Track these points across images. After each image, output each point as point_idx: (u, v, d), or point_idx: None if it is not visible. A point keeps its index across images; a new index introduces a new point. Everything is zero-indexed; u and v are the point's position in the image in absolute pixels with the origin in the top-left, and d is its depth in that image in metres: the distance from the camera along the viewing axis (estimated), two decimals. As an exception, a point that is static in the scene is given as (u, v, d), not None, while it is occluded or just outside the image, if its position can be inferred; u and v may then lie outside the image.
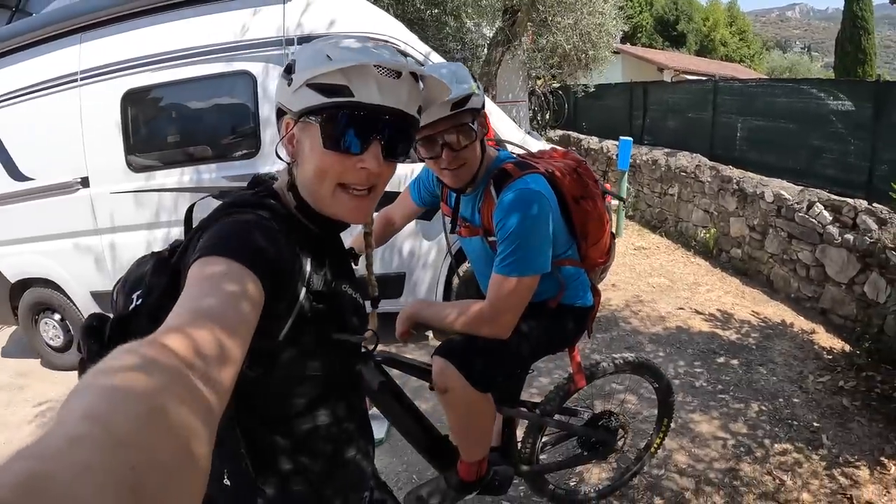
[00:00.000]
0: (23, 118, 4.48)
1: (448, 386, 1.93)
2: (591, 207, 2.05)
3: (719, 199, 6.67)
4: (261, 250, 0.91)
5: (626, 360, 2.55)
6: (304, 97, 1.01)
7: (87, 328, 0.96)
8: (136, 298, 1.00)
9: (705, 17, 38.08)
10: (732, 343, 4.46)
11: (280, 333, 1.00)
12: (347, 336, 1.12)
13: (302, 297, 1.02)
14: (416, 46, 4.21)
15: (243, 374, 0.85)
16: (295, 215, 1.10)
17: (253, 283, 0.84)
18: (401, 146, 1.09)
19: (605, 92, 12.11)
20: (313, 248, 1.09)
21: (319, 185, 1.05)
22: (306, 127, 1.04)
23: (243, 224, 0.96)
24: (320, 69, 0.99)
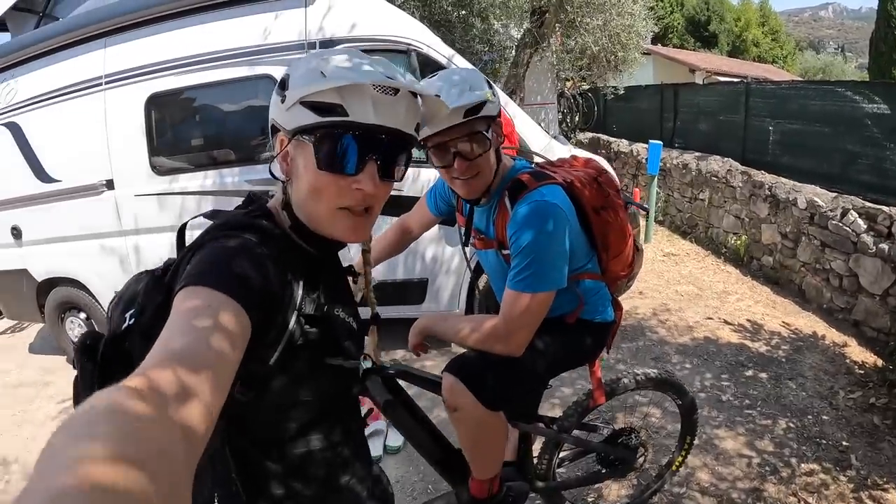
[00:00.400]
0: (50, 121, 4.56)
1: (458, 404, 1.87)
2: (613, 218, 1.97)
3: (751, 205, 6.51)
4: (246, 279, 0.88)
5: (648, 377, 2.46)
6: (298, 115, 0.98)
7: (80, 346, 0.95)
8: (129, 318, 0.98)
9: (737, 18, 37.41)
10: (761, 355, 4.33)
11: (270, 358, 0.97)
12: (341, 361, 1.09)
13: (293, 322, 0.99)
14: (438, 49, 4.16)
15: (234, 397, 0.90)
16: (289, 235, 1.07)
17: (237, 314, 0.82)
18: (398, 166, 1.06)
19: (636, 94, 11.90)
20: (307, 270, 1.06)
21: (315, 204, 1.03)
22: (300, 145, 1.01)
23: (230, 250, 0.92)
24: (314, 87, 0.95)
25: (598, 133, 12.37)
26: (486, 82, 1.76)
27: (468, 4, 8.11)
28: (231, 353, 0.77)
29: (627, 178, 9.87)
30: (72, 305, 5.15)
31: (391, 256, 2.45)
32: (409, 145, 1.07)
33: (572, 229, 1.78)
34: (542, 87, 10.38)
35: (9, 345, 6.47)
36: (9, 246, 5.02)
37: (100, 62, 4.37)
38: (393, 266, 4.29)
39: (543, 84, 10.41)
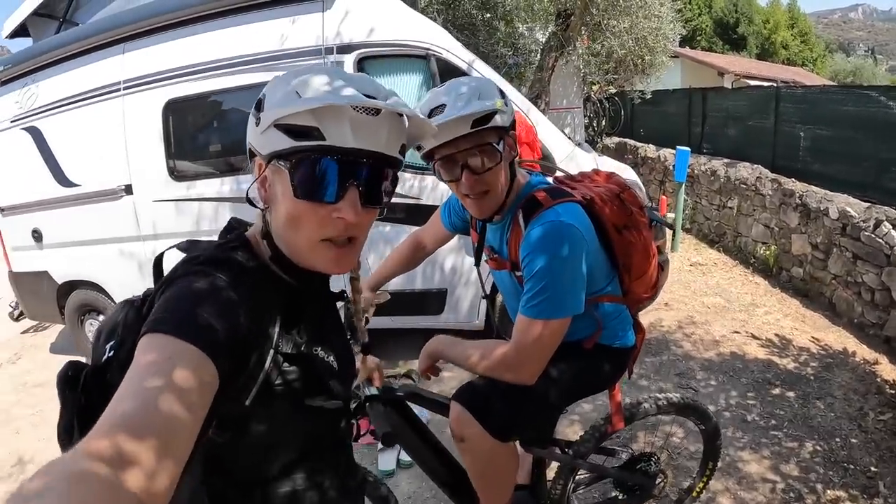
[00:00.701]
0: (70, 126, 4.61)
1: (465, 435, 1.79)
2: (636, 238, 1.85)
3: (781, 214, 6.31)
4: (211, 327, 0.82)
5: (670, 401, 2.34)
6: (272, 139, 0.92)
7: (62, 377, 0.92)
8: (110, 349, 0.96)
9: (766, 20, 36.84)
10: (789, 373, 4.17)
11: (246, 399, 0.92)
12: (321, 402, 1.02)
13: (268, 362, 0.93)
14: (458, 54, 4.07)
15: (211, 438, 0.89)
16: (267, 267, 1.01)
17: (200, 364, 0.77)
18: (382, 191, 0.98)
19: (663, 98, 11.66)
20: (286, 304, 0.99)
21: (294, 234, 0.96)
22: (277, 171, 0.94)
23: (196, 294, 0.86)
24: (288, 108, 0.88)
25: (625, 138, 12.14)
26: (498, 92, 1.65)
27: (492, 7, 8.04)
28: (187, 414, 0.71)
29: (654, 185, 9.67)
30: (91, 308, 5.21)
31: (404, 272, 2.38)
32: (393, 168, 0.99)
33: (591, 251, 1.67)
34: (567, 91, 10.25)
35: (31, 344, 6.55)
36: (30, 248, 5.09)
37: (118, 68, 4.39)
38: (411, 276, 4.20)
39: (569, 88, 10.28)
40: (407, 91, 4.11)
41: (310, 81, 0.91)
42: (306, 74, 0.93)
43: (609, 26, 8.02)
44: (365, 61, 4.05)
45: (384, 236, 4.16)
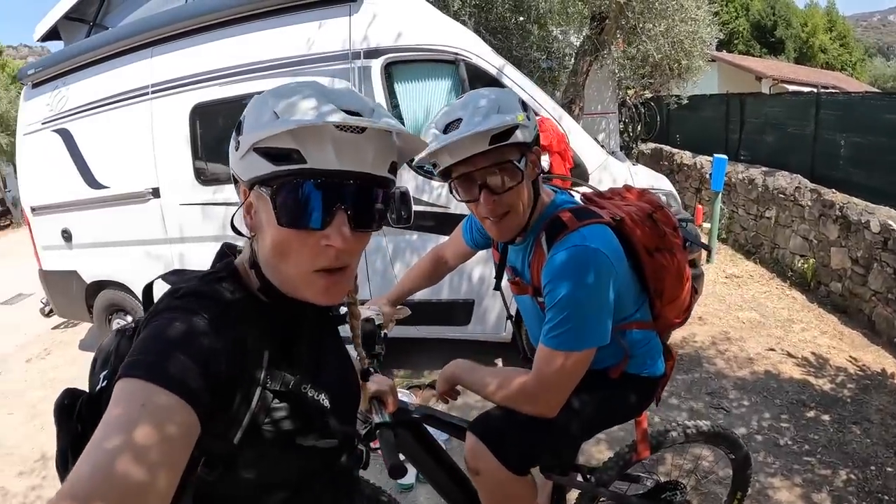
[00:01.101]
0: (99, 129, 4.68)
1: (480, 468, 1.70)
2: (668, 261, 1.72)
3: (820, 226, 6.09)
4: (186, 370, 0.77)
5: (699, 430, 2.21)
6: (253, 164, 0.86)
7: (59, 405, 0.90)
8: (103, 379, 0.93)
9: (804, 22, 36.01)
10: (825, 394, 3.99)
11: (234, 437, 0.86)
12: (314, 441, 0.96)
13: (255, 401, 0.88)
14: (488, 59, 3.97)
15: (200, 477, 0.84)
16: (255, 298, 0.95)
17: (177, 409, 0.73)
18: (372, 214, 0.91)
19: (700, 103, 11.43)
20: (276, 338, 0.94)
21: (282, 263, 0.90)
22: (260, 197, 0.88)
23: (174, 333, 0.81)
24: (265, 131, 0.82)
25: (661, 144, 11.89)
26: (520, 105, 1.54)
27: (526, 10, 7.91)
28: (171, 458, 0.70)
29: (690, 193, 9.45)
30: (119, 308, 5.28)
31: (425, 287, 2.30)
32: (384, 188, 0.92)
33: (619, 277, 1.55)
34: (602, 95, 10.07)
35: (61, 340, 6.68)
36: (60, 248, 5.17)
37: (146, 72, 4.42)
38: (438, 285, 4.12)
39: (604, 93, 10.10)
40: (435, 97, 4.04)
41: (288, 100, 0.85)
42: (285, 92, 0.87)
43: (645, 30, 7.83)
44: (392, 66, 3.98)
45: (411, 245, 4.09)
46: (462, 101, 1.55)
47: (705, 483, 3.05)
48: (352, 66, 3.96)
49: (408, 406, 1.90)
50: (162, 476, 0.67)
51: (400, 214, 3.57)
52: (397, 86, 4.03)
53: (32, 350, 6.52)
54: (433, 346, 4.62)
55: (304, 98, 0.84)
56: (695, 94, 11.41)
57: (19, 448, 4.33)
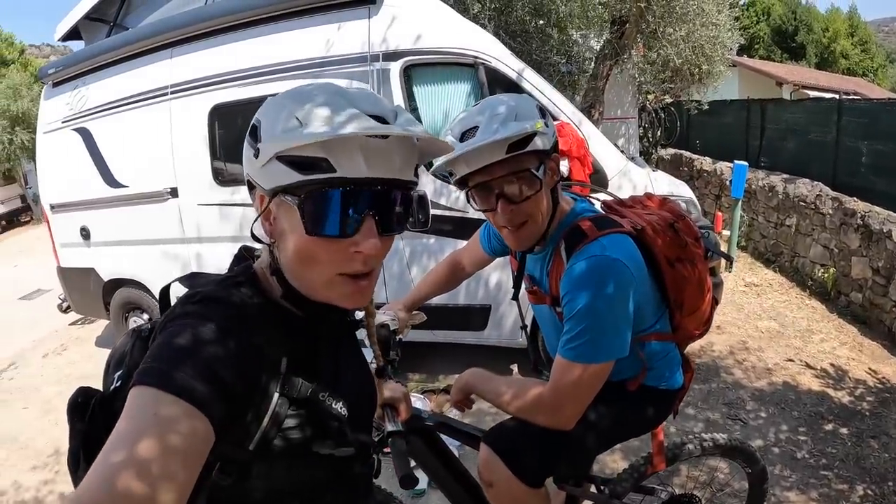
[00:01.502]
0: (118, 128, 4.72)
1: (493, 480, 1.67)
2: (689, 272, 1.68)
3: (841, 235, 5.99)
4: (200, 377, 0.76)
5: (716, 443, 2.17)
6: (276, 172, 0.83)
7: (72, 404, 0.91)
8: (117, 379, 0.94)
9: (825, 28, 35.54)
10: (844, 407, 3.92)
11: (250, 443, 0.86)
12: (330, 450, 0.94)
13: (272, 408, 0.86)
14: (508, 63, 3.94)
15: (214, 481, 0.83)
16: (273, 303, 0.94)
17: (190, 418, 0.72)
18: (398, 217, 0.91)
19: (720, 109, 11.30)
20: (295, 344, 0.93)
21: (307, 271, 0.90)
22: (283, 205, 0.86)
23: (189, 339, 0.80)
24: (292, 141, 0.80)
25: (681, 150, 11.74)
26: (538, 111, 1.51)
27: (546, 14, 7.85)
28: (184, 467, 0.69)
29: (710, 199, 9.34)
30: (135, 306, 5.32)
31: (441, 293, 2.28)
32: (410, 191, 0.91)
33: (639, 288, 1.52)
34: (622, 100, 9.97)
35: (78, 336, 6.74)
36: (79, 245, 5.23)
37: (166, 72, 4.45)
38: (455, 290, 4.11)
39: (624, 98, 10.01)
40: (454, 100, 4.02)
41: (310, 106, 0.82)
42: (304, 97, 0.85)
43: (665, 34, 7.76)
44: (411, 69, 3.96)
45: (429, 249, 4.07)
46: (478, 108, 1.53)
47: (721, 496, 2.99)
48: (371, 69, 3.94)
49: (421, 413, 1.87)
50: (174, 486, 0.67)
51: (417, 218, 3.55)
52: (416, 89, 4.01)
53: (49, 345, 6.59)
54: (449, 350, 4.60)
55: (327, 104, 0.82)
56: (715, 100, 11.31)
57: (33, 442, 4.37)
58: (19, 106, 17.00)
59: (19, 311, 8.20)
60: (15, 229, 18.49)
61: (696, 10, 7.46)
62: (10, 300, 8.80)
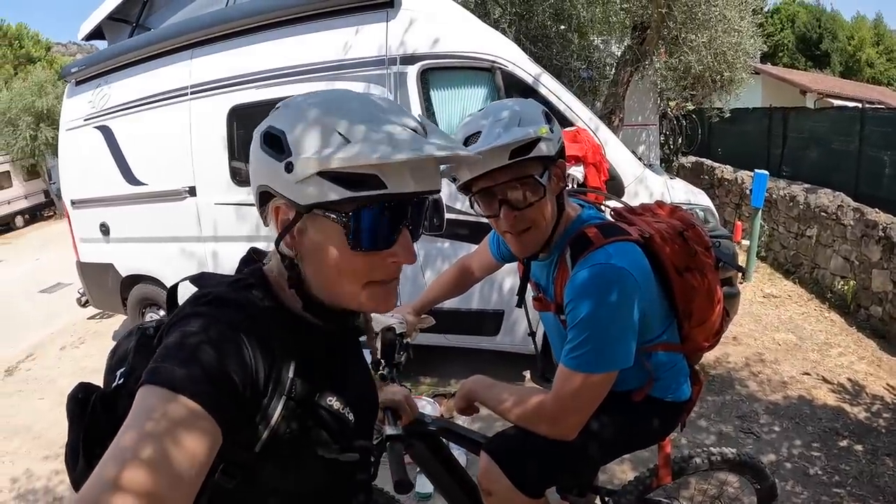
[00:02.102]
0: (139, 127, 4.76)
1: (492, 489, 1.65)
2: (699, 282, 1.65)
3: (862, 247, 5.89)
4: (209, 378, 0.76)
5: (724, 457, 2.14)
6: (316, 188, 0.81)
7: (72, 399, 0.91)
8: (119, 377, 0.94)
9: (850, 36, 35.03)
10: (859, 423, 3.85)
11: (255, 445, 0.86)
12: (335, 454, 0.95)
13: (279, 409, 0.86)
14: (525, 67, 3.93)
15: (217, 483, 0.83)
16: (282, 309, 0.93)
17: (198, 419, 0.72)
18: (423, 225, 0.93)
19: (742, 117, 11.19)
20: (304, 348, 0.92)
21: (342, 282, 0.90)
22: (317, 220, 0.85)
23: (200, 340, 0.79)
24: (344, 160, 0.78)
25: (702, 157, 11.59)
26: (544, 116, 1.49)
27: (567, 19, 7.82)
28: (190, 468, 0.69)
29: (730, 208, 9.24)
30: (152, 302, 5.38)
31: (450, 298, 2.27)
32: (434, 199, 0.91)
33: (645, 297, 1.49)
34: (643, 107, 9.89)
35: (96, 330, 6.84)
36: (98, 241, 5.29)
37: (186, 73, 4.50)
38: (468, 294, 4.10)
39: (645, 104, 9.92)
40: (471, 104, 4.02)
41: (349, 121, 0.81)
42: (336, 109, 0.83)
43: (687, 41, 7.70)
44: (428, 73, 3.96)
45: (442, 253, 4.06)
46: (482, 113, 1.52)
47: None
48: (388, 72, 3.94)
49: (425, 418, 1.86)
50: (180, 486, 0.67)
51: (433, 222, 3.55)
52: (433, 92, 4.01)
53: (67, 338, 6.69)
54: (461, 355, 4.59)
55: (370, 119, 0.82)
56: (737, 108, 11.18)
57: (47, 432, 4.44)
58: (44, 102, 17.24)
59: (39, 304, 8.33)
60: (38, 223, 18.80)
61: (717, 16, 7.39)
62: (31, 293, 8.95)
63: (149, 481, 0.64)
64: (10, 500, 3.71)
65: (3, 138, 17.30)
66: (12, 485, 3.87)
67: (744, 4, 7.75)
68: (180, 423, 0.70)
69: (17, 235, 17.04)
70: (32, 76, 18.57)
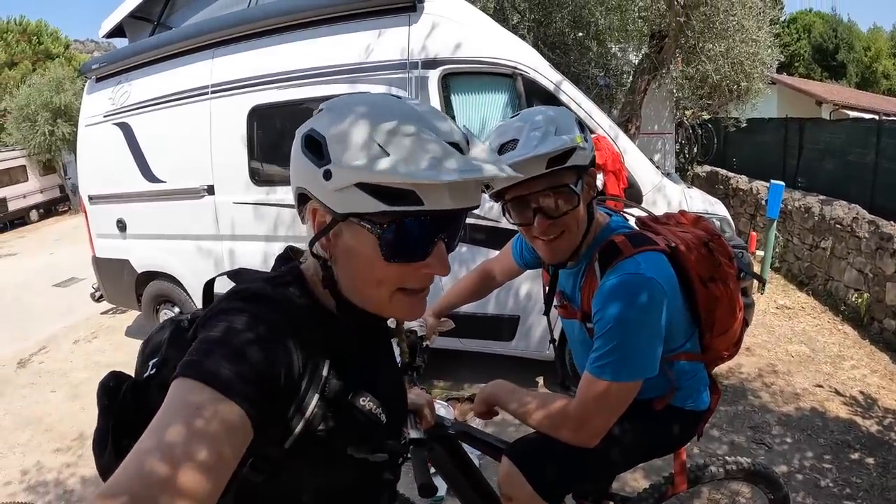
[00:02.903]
0: (159, 125, 4.81)
1: (513, 495, 1.65)
2: (722, 292, 1.65)
3: (877, 260, 5.85)
4: (244, 374, 0.76)
5: (739, 466, 2.14)
6: (353, 199, 0.81)
7: (103, 387, 0.92)
8: (152, 367, 0.94)
9: (867, 47, 34.79)
10: (871, 436, 3.82)
11: (286, 441, 0.86)
12: (365, 454, 0.95)
13: (312, 406, 0.87)
14: (546, 74, 3.91)
15: (245, 477, 0.83)
16: (321, 305, 0.94)
17: (233, 416, 0.72)
18: (458, 238, 0.94)
19: (758, 127, 11.11)
20: (338, 346, 0.93)
21: (376, 291, 0.90)
22: (353, 228, 0.86)
23: (235, 336, 0.80)
24: (379, 169, 0.78)
25: (717, 167, 11.59)
26: (577, 125, 1.50)
27: (585, 26, 7.83)
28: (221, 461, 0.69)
29: (745, 219, 9.18)
30: (167, 299, 5.42)
31: (470, 302, 2.26)
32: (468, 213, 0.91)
33: (671, 307, 1.49)
34: (659, 115, 9.85)
35: (109, 325, 6.88)
36: (114, 236, 5.33)
37: (207, 72, 4.53)
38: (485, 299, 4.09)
39: (661, 112, 9.88)
40: (491, 110, 4.02)
41: (392, 132, 0.80)
42: (377, 115, 0.82)
43: (704, 50, 7.68)
44: (450, 77, 3.96)
45: (459, 257, 4.04)
46: (517, 120, 1.52)
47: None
48: (409, 76, 3.95)
49: (444, 421, 1.86)
50: (209, 480, 0.67)
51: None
52: (454, 97, 4.01)
53: (80, 332, 6.73)
54: (475, 359, 4.60)
55: (411, 132, 0.81)
56: (753, 118, 11.13)
57: (59, 425, 4.48)
58: (62, 99, 17.40)
59: (53, 298, 8.40)
60: (52, 218, 18.98)
61: (735, 25, 7.37)
62: (45, 286, 9.02)
63: (178, 473, 0.65)
64: (21, 492, 3.73)
65: (20, 133, 17.47)
66: (23, 476, 3.90)
67: (762, 14, 7.73)
68: (212, 416, 0.70)
69: (31, 229, 17.20)
70: (50, 72, 18.71)
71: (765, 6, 7.79)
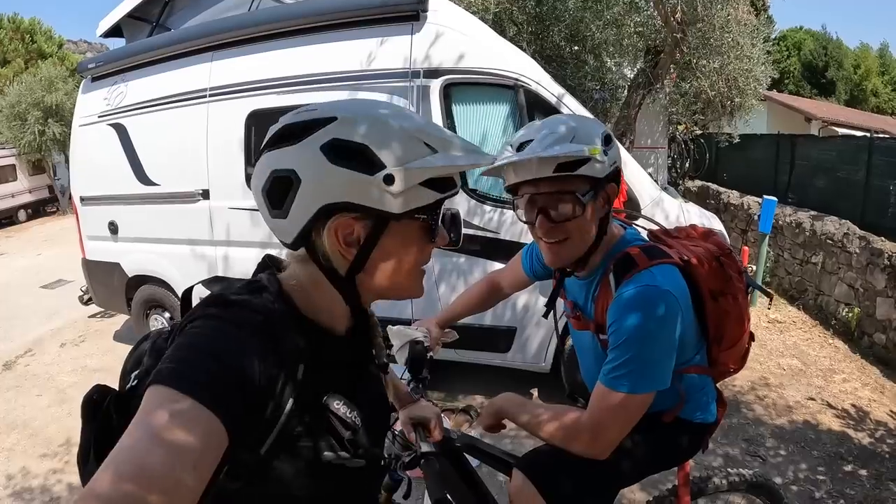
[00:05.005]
0: (154, 127, 4.75)
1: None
2: (732, 306, 1.65)
3: (867, 275, 5.90)
4: (217, 381, 0.76)
5: (742, 478, 2.15)
6: (414, 195, 0.88)
7: (87, 401, 0.91)
8: (134, 378, 0.94)
9: (856, 65, 35.27)
10: (864, 448, 3.86)
11: (262, 447, 0.85)
12: (341, 459, 0.93)
13: (286, 412, 0.86)
14: (547, 87, 3.92)
15: (222, 485, 0.80)
16: (296, 313, 0.93)
17: (207, 422, 0.72)
18: None
19: (750, 143, 11.19)
20: (314, 350, 0.92)
21: (412, 278, 0.99)
22: (402, 224, 0.91)
23: (208, 342, 0.81)
24: (441, 163, 0.88)
25: (708, 182, 11.64)
26: (602, 138, 1.48)
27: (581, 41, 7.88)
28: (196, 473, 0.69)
29: (736, 234, 9.23)
30: (157, 304, 5.35)
31: (476, 313, 2.24)
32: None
33: (684, 320, 1.49)
34: (653, 129, 9.95)
35: (97, 329, 6.81)
36: (105, 239, 5.28)
37: (205, 75, 4.49)
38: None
39: (655, 127, 9.98)
40: (493, 121, 4.01)
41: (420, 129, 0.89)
42: (404, 118, 0.90)
43: (699, 66, 7.77)
44: (451, 87, 3.93)
45: (458, 268, 4.04)
46: (542, 123, 1.53)
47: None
48: (411, 85, 3.92)
49: (451, 434, 1.84)
50: (184, 487, 0.67)
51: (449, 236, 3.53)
52: (455, 107, 3.99)
53: (67, 335, 6.66)
54: (469, 370, 4.57)
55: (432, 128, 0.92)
56: (745, 133, 11.22)
57: (45, 430, 4.42)
58: (53, 98, 17.29)
59: (40, 299, 8.31)
60: (40, 219, 18.80)
61: (730, 42, 7.46)
62: (31, 288, 8.92)
63: (150, 482, 0.64)
64: (6, 498, 3.67)
65: (10, 132, 17.31)
66: (7, 482, 3.83)
67: (756, 32, 7.82)
68: (186, 423, 0.70)
69: (19, 230, 17.03)
70: (42, 71, 18.60)
71: (759, 23, 7.88)
